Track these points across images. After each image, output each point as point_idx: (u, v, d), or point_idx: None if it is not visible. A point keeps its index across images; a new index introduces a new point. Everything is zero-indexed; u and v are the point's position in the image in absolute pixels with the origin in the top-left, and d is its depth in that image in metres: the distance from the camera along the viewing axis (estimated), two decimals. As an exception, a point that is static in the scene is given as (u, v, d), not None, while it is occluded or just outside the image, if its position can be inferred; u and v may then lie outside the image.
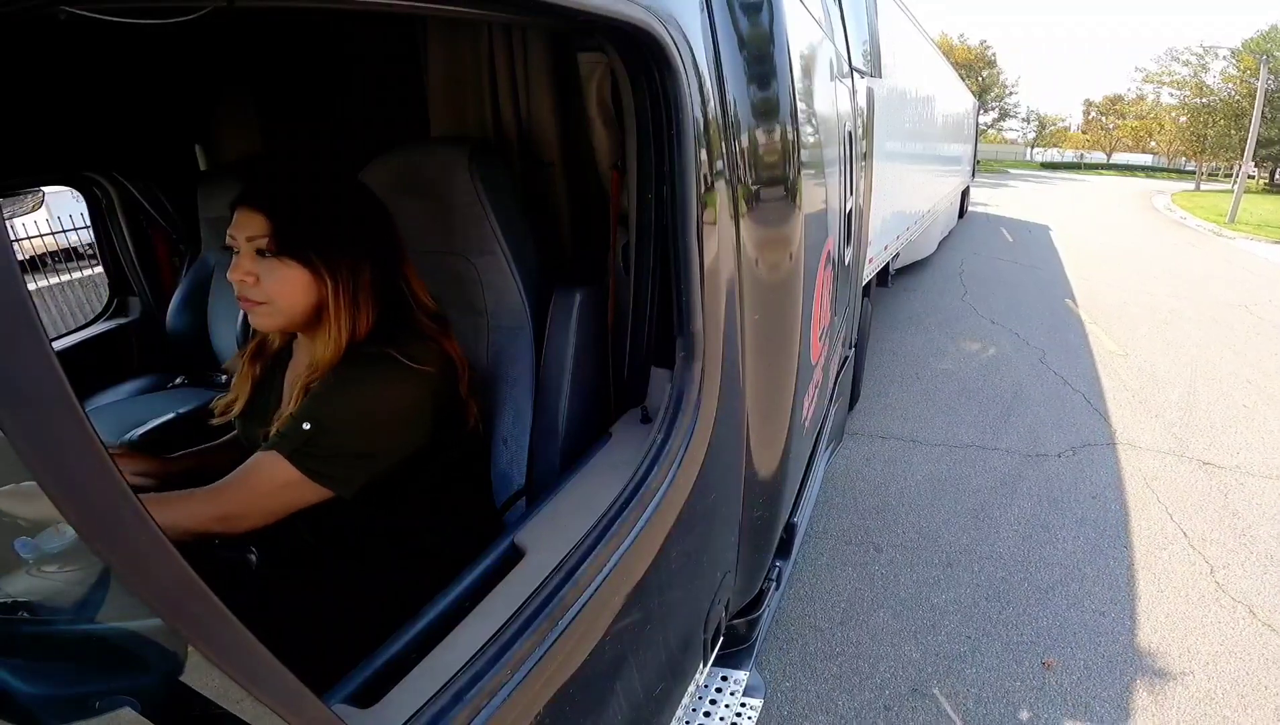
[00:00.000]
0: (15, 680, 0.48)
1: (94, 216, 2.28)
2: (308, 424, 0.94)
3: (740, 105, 1.12)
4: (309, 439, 0.93)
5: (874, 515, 2.72)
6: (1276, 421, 3.67)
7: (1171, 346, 4.97)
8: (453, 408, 1.07)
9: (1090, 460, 3.20)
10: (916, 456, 3.23)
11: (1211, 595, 2.28)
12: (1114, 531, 2.64)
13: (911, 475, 3.05)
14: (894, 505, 2.80)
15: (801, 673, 1.94)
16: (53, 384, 0.35)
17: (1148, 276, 7.73)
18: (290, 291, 0.96)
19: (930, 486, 2.96)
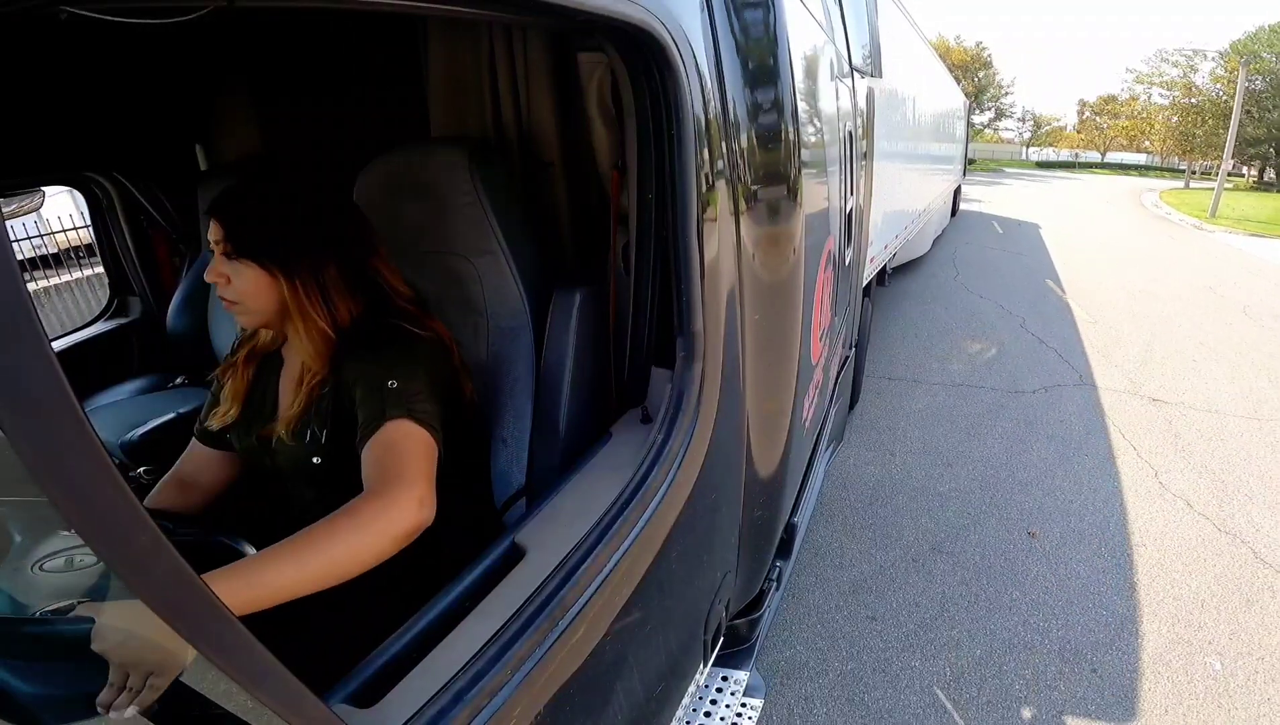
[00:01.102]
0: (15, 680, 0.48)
1: (94, 216, 2.28)
2: (392, 382, 0.94)
3: (741, 105, 1.12)
4: (405, 393, 0.94)
5: (887, 432, 3.46)
6: (1218, 371, 4.39)
7: (1136, 316, 5.72)
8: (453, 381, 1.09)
9: (1059, 397, 3.93)
10: (918, 392, 4.00)
11: (1157, 492, 2.92)
12: (1078, 445, 3.32)
13: (915, 404, 3.80)
14: (903, 425, 3.54)
15: (844, 537, 2.57)
16: (53, 384, 0.35)
17: (1125, 263, 8.40)
18: (253, 292, 0.99)
19: (930, 413, 3.70)
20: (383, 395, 0.94)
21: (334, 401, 1.03)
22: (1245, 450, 3.30)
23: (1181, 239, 11.13)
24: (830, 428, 2.45)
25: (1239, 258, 9.29)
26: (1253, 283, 7.42)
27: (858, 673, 1.95)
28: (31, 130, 1.74)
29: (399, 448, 0.90)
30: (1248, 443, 3.37)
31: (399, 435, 0.91)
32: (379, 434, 0.92)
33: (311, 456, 1.04)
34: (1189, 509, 2.80)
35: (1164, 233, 11.88)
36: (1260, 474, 3.06)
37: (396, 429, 0.92)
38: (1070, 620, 2.16)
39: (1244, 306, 6.15)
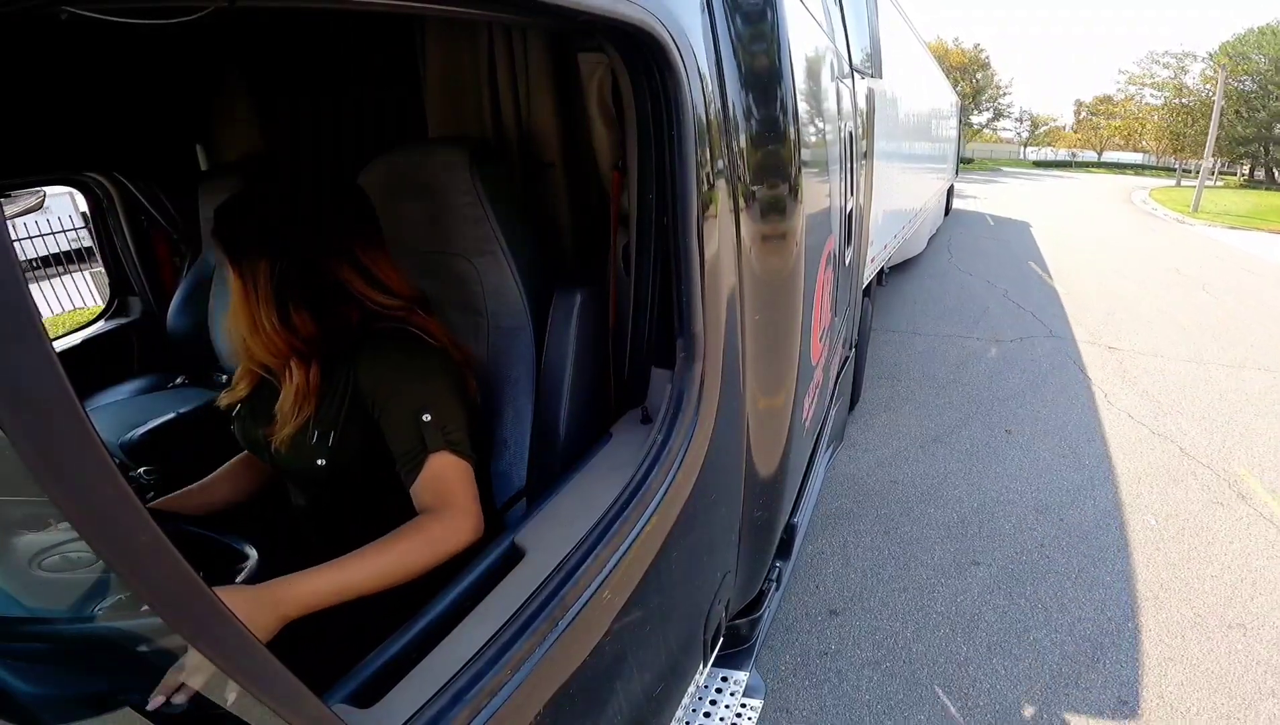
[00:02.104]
0: (15, 680, 0.48)
1: (95, 216, 2.28)
2: (427, 415, 0.99)
3: (741, 105, 1.12)
4: (441, 426, 0.99)
5: (893, 366, 4.46)
6: (1168, 329, 5.38)
7: (1105, 290, 6.72)
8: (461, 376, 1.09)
9: (1032, 344, 4.96)
10: (917, 341, 5.03)
11: (1105, 407, 3.84)
12: (1044, 376, 4.32)
13: (915, 348, 4.85)
14: (905, 363, 4.54)
15: (866, 432, 3.47)
16: (53, 384, 0.35)
17: (1105, 250, 9.45)
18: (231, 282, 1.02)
19: (927, 354, 4.72)
20: (418, 429, 0.99)
21: (345, 407, 1.03)
22: (1180, 383, 4.19)
23: (1161, 231, 12.05)
24: (830, 428, 2.45)
25: (1211, 246, 10.28)
26: (1217, 266, 8.38)
27: (889, 516, 2.75)
28: (32, 130, 1.74)
29: (447, 479, 0.98)
30: (1184, 378, 4.29)
31: (442, 467, 0.98)
32: (425, 470, 0.98)
33: (316, 459, 1.04)
34: (1130, 418, 3.68)
35: (1146, 226, 12.84)
36: (1191, 398, 3.95)
37: (439, 462, 0.98)
38: (1040, 487, 2.97)
39: (1204, 284, 7.08)
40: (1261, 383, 4.20)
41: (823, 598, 2.28)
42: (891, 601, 2.26)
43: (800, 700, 1.88)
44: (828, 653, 2.04)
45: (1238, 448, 3.34)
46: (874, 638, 2.11)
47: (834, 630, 2.13)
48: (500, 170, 1.19)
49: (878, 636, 2.11)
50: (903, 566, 2.44)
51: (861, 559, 2.48)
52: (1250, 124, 31.54)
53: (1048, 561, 2.47)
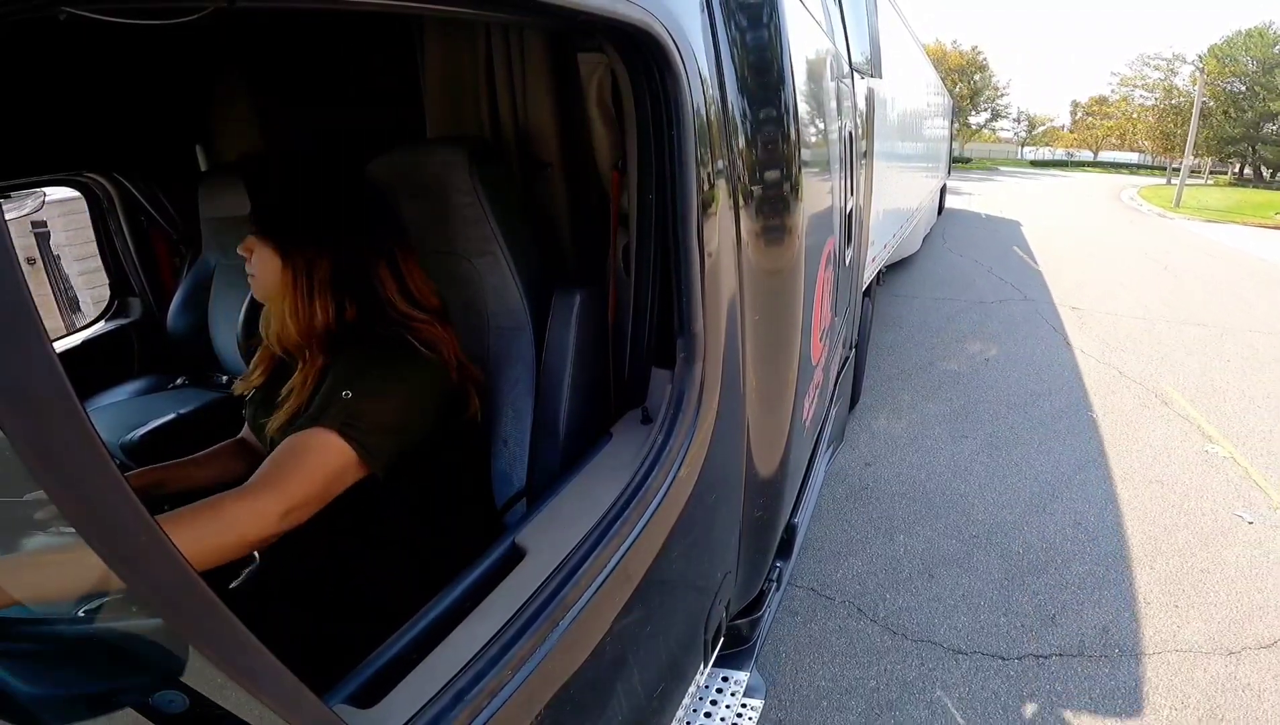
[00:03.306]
0: (15, 680, 0.47)
1: (94, 217, 2.28)
2: (347, 392, 0.93)
3: (741, 105, 1.12)
4: (351, 409, 0.92)
5: (895, 318, 5.55)
6: (1126, 296, 6.55)
7: (1078, 269, 7.85)
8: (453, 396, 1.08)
9: (1009, 305, 6.11)
10: (915, 302, 6.14)
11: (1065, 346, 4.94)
12: (1018, 326, 5.46)
13: (913, 307, 5.96)
14: (905, 317, 5.62)
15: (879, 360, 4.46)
16: (53, 384, 0.35)
17: (1086, 239, 10.57)
18: (266, 270, 1.01)
19: (923, 310, 5.88)
20: (331, 400, 0.93)
21: None
22: (1128, 332, 5.34)
23: (1142, 224, 13.22)
24: (830, 428, 2.45)
25: (1184, 236, 11.58)
26: (1183, 251, 9.62)
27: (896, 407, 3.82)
28: (31, 130, 1.74)
29: (303, 457, 0.88)
30: (1132, 329, 5.45)
31: (314, 444, 0.89)
32: (300, 435, 0.90)
33: None
34: (1083, 353, 4.79)
35: (1129, 220, 14.01)
36: (1134, 342, 5.08)
37: (316, 437, 0.89)
38: (1011, 392, 4.06)
39: (1167, 266, 8.31)
40: (1195, 333, 5.35)
41: (859, 455, 3.23)
42: (908, 459, 3.21)
43: (855, 514, 2.75)
44: (866, 488, 2.95)
45: (1166, 374, 4.40)
46: (899, 478, 3.03)
47: (870, 474, 3.06)
48: (500, 170, 1.19)
49: (901, 478, 3.03)
50: (911, 439, 3.42)
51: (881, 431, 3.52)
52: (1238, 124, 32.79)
53: (1017, 437, 3.46)
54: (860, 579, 2.35)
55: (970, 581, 2.34)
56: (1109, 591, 2.30)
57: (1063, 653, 2.02)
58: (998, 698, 1.85)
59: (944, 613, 2.19)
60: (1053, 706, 1.82)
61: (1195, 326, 5.51)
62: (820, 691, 1.88)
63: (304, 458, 0.88)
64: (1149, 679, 1.92)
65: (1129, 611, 2.20)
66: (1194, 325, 5.54)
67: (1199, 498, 2.91)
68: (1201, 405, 3.88)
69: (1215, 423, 3.65)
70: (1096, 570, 2.40)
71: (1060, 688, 1.89)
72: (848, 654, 2.01)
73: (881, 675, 1.93)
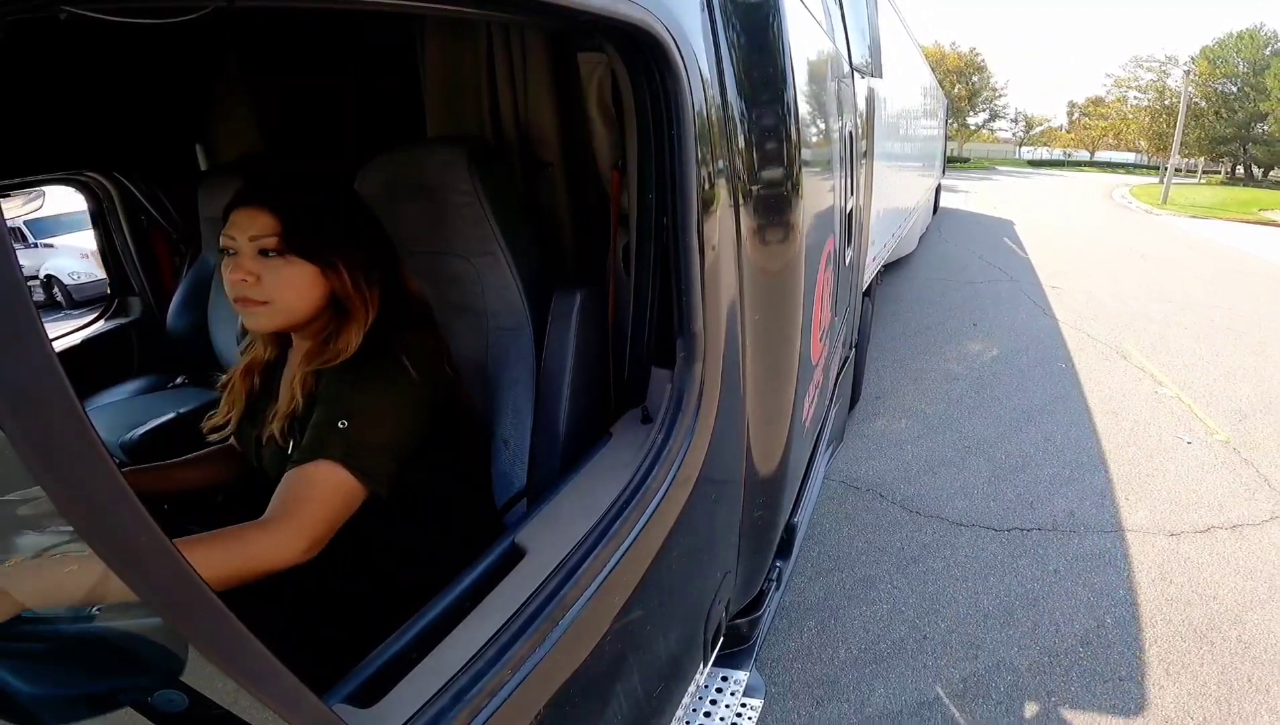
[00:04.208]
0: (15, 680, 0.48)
1: (94, 216, 2.28)
2: (343, 422, 0.92)
3: (741, 105, 1.12)
4: (351, 439, 0.92)
5: (894, 295, 6.16)
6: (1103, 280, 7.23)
7: (1062, 257, 8.60)
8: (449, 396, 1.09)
9: (997, 285, 6.86)
10: (914, 282, 6.86)
11: (1043, 316, 5.71)
12: (1002, 300, 6.26)
13: (910, 285, 6.72)
14: (904, 292, 6.41)
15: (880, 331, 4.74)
16: (53, 384, 0.35)
17: (1073, 231, 11.41)
18: (295, 290, 0.97)
19: (919, 287, 6.66)
20: (330, 431, 0.92)
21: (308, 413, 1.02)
22: (1100, 307, 6.02)
23: (1128, 219, 14.06)
24: (830, 428, 2.45)
25: (1166, 230, 12.35)
26: (1162, 243, 10.45)
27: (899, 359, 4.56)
28: (31, 130, 1.74)
29: (311, 488, 0.90)
30: (1104, 304, 6.13)
31: (319, 478, 0.90)
32: (307, 467, 0.90)
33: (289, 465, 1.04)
34: (1057, 321, 5.53)
35: (1117, 215, 14.87)
36: (1104, 313, 5.78)
37: (320, 470, 0.90)
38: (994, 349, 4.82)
39: (1145, 255, 9.08)
40: (1159, 307, 6.04)
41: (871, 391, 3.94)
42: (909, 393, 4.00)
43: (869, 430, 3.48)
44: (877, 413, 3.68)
45: (1129, 337, 5.11)
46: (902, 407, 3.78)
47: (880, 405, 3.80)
48: (499, 170, 1.19)
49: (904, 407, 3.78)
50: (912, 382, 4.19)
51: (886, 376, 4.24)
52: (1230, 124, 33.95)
53: (999, 380, 4.19)
54: (879, 475, 3.01)
55: (965, 477, 2.99)
56: (1073, 487, 2.92)
57: (1040, 528, 2.63)
58: (995, 558, 2.45)
59: (947, 498, 2.83)
60: (1039, 565, 2.41)
61: (1160, 302, 6.23)
62: (858, 550, 2.47)
63: (313, 492, 0.90)
64: (1109, 549, 2.49)
65: (1090, 501, 2.81)
66: (1159, 301, 6.26)
67: (1148, 425, 3.56)
68: (1156, 360, 4.58)
69: (1166, 372, 4.34)
70: (1063, 472, 3.05)
71: (1040, 552, 2.48)
72: (876, 525, 2.63)
73: (904, 540, 2.54)
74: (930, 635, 2.06)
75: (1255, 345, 4.94)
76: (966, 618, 2.14)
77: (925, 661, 1.96)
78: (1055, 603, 2.21)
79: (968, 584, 2.30)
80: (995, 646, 2.01)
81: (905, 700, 1.82)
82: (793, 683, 1.88)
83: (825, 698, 1.84)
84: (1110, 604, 2.20)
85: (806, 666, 1.94)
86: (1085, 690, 1.86)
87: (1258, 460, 3.18)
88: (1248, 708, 1.80)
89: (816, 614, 2.14)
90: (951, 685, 1.87)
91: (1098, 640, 2.04)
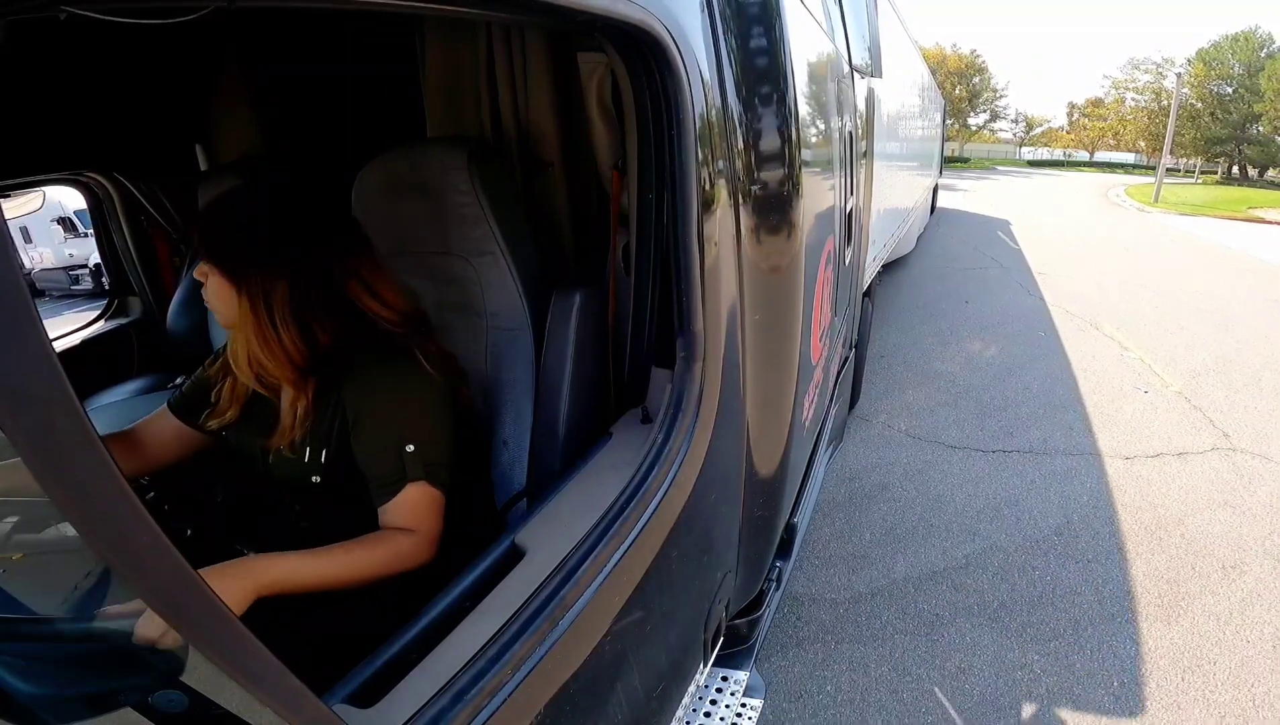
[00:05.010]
0: (15, 680, 0.47)
1: (94, 216, 2.27)
2: (409, 447, 0.99)
3: (741, 105, 1.12)
4: (423, 459, 0.99)
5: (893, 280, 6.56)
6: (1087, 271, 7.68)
7: (1049, 248, 9.19)
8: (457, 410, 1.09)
9: (988, 272, 7.49)
10: (911, 268, 7.31)
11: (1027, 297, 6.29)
12: (992, 283, 6.88)
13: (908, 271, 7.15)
14: (900, 280, 6.78)
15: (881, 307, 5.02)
16: (53, 384, 0.35)
17: (1064, 227, 12.04)
18: (220, 299, 0.99)
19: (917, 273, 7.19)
20: (400, 458, 0.99)
21: (338, 424, 1.03)
22: (1080, 290, 6.59)
23: (1119, 216, 14.68)
24: (830, 428, 2.45)
25: (1154, 226, 12.99)
26: (1148, 237, 11.14)
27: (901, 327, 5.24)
28: (31, 130, 1.74)
29: (419, 508, 1.00)
30: (1084, 288, 6.69)
31: (417, 496, 1.00)
32: (400, 496, 0.99)
33: (311, 475, 1.04)
34: (1041, 301, 6.11)
35: (1109, 213, 15.44)
36: (1083, 296, 6.32)
37: (415, 491, 0.99)
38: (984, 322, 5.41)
39: (1129, 248, 9.70)
40: (1134, 291, 6.65)
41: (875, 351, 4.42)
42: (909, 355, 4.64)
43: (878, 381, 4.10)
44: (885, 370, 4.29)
45: (1103, 313, 5.70)
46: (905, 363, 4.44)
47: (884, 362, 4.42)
48: (499, 170, 1.19)
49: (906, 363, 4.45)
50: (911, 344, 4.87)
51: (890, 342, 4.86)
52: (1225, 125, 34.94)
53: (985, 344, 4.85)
54: (886, 412, 3.66)
55: (958, 414, 3.65)
56: (1047, 422, 3.54)
57: (1019, 450, 3.23)
58: (984, 471, 3.04)
59: (942, 428, 3.47)
60: (1019, 477, 2.98)
61: (1136, 287, 6.86)
62: (873, 464, 3.08)
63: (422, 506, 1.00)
64: (1076, 467, 3.08)
65: (1060, 432, 3.41)
66: (1135, 286, 6.89)
67: (1113, 379, 4.18)
68: (1125, 332, 5.19)
69: (1133, 341, 4.96)
70: (1038, 412, 3.68)
71: (1020, 468, 3.07)
72: (887, 447, 3.25)
73: (909, 458, 3.15)
74: (936, 525, 2.61)
75: (1218, 323, 5.50)
76: (964, 513, 2.70)
77: (934, 543, 2.50)
78: (1033, 504, 2.75)
79: (963, 489, 2.87)
80: (988, 533, 2.56)
81: (922, 569, 2.35)
82: (831, 557, 2.40)
83: (859, 568, 2.36)
84: (1076, 507, 2.73)
85: (840, 546, 2.48)
86: (1060, 567, 2.37)
87: (1205, 406, 3.77)
88: (1192, 588, 2.27)
89: (844, 509, 2.71)
90: (956, 560, 2.40)
91: (1068, 532, 2.56)
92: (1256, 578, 2.31)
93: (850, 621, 2.10)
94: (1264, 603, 2.19)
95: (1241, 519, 2.66)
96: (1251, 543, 2.50)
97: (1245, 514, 2.70)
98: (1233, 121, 34.66)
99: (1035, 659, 1.95)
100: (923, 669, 1.92)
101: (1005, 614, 2.13)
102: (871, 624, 2.09)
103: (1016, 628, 2.07)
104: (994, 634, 2.05)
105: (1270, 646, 2.00)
